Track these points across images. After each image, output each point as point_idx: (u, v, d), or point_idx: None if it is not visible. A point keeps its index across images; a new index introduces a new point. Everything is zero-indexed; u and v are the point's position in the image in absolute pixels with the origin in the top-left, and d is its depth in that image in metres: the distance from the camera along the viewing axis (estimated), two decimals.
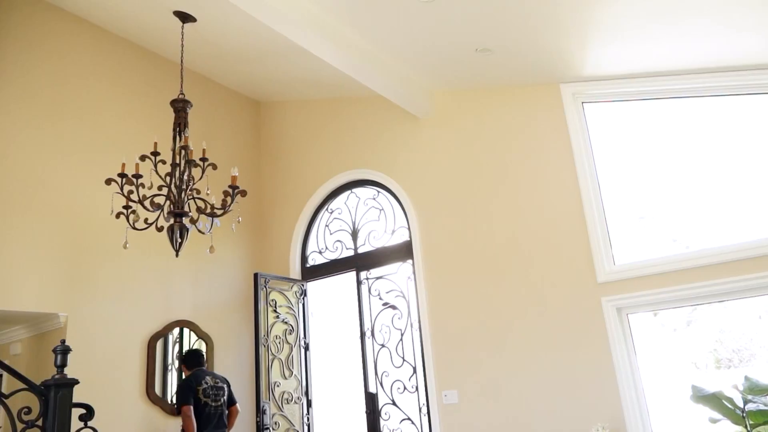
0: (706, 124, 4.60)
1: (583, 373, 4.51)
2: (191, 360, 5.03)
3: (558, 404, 4.55)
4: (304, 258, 6.30)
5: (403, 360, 5.35)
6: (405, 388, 5.29)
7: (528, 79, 5.09)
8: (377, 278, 5.71)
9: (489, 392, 4.84)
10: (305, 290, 6.13)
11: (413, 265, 5.46)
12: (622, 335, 4.44)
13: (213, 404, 4.84)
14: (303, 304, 6.09)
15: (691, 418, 4.25)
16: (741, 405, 3.57)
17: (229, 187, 4.27)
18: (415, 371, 5.26)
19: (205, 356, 5.25)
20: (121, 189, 4.11)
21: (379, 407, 5.36)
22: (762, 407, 3.55)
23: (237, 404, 5.10)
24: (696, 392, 3.67)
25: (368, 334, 5.60)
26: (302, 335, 5.97)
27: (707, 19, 3.84)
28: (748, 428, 3.54)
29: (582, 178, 4.78)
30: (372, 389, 5.45)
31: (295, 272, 6.23)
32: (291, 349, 5.83)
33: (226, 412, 4.97)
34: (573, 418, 4.45)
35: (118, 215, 4.11)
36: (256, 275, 5.76)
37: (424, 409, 5.11)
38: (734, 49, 4.12)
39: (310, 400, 5.84)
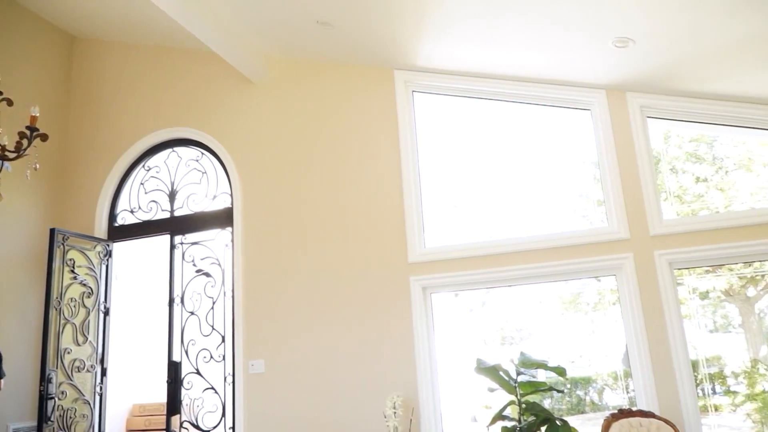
0: (518, 127, 5.09)
1: (386, 346, 4.77)
2: None
3: (361, 375, 4.77)
4: (112, 216, 5.78)
5: (213, 329, 5.20)
6: (212, 357, 5.15)
7: (365, 59, 5.19)
8: (193, 244, 5.45)
9: (295, 363, 4.91)
10: (110, 251, 5.65)
11: (232, 232, 5.31)
12: (425, 312, 4.78)
13: None
14: (107, 266, 5.60)
15: (474, 388, 4.74)
16: (514, 377, 4.05)
17: (27, 128, 3.75)
18: (223, 340, 5.15)
19: None
20: None
21: (182, 376, 5.16)
22: (531, 379, 4.07)
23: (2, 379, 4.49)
24: (479, 365, 4.08)
25: (178, 301, 5.34)
26: (102, 299, 5.50)
27: (520, 35, 4.24)
28: (518, 397, 4.03)
29: (404, 163, 5.02)
30: (176, 358, 5.22)
31: (101, 231, 5.69)
32: (88, 314, 5.34)
33: None
34: (373, 388, 4.70)
35: None
36: (52, 231, 5.17)
37: (230, 379, 5.03)
38: (536, 64, 4.61)
39: (105, 369, 5.42)
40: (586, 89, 4.75)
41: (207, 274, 5.35)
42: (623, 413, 3.92)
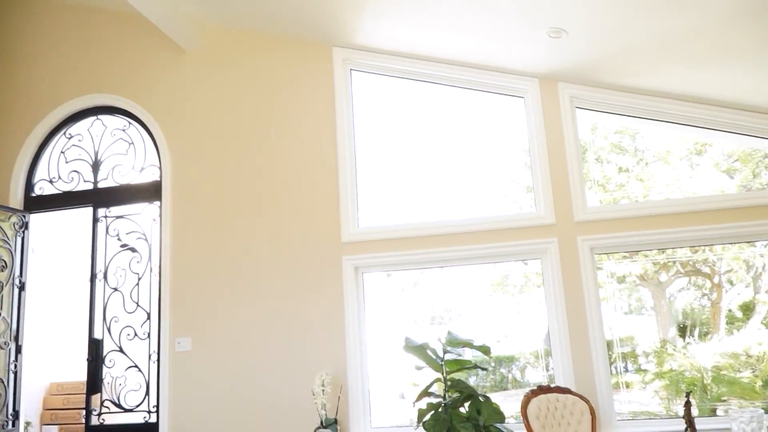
0: (454, 111, 5.15)
1: (317, 324, 4.77)
2: None
3: (290, 353, 4.76)
4: (29, 186, 5.45)
5: (138, 305, 5.03)
6: (136, 334, 4.99)
7: (304, 34, 5.08)
8: (118, 217, 5.23)
9: (224, 340, 4.84)
10: (27, 223, 5.33)
11: (161, 207, 5.13)
12: (356, 292, 4.81)
13: None
14: (22, 239, 5.29)
15: (403, 366, 4.83)
16: (441, 355, 4.16)
17: None
18: (149, 317, 4.99)
19: None
20: None
21: (104, 354, 4.98)
22: (456, 357, 4.18)
23: None
24: (407, 343, 4.16)
25: (100, 276, 5.13)
26: (18, 273, 5.20)
27: (457, 20, 4.27)
28: (444, 374, 4.14)
29: (341, 142, 4.99)
30: (98, 335, 5.02)
31: (16, 201, 5.36)
32: (1, 288, 5.05)
33: None
34: (302, 366, 4.70)
35: None
36: None
37: (155, 357, 4.90)
38: (473, 49, 4.67)
39: (20, 346, 5.14)
40: (521, 77, 4.86)
41: (132, 250, 5.16)
42: (542, 389, 4.11)
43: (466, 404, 4.05)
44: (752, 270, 4.74)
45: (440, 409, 3.97)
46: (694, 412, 4.13)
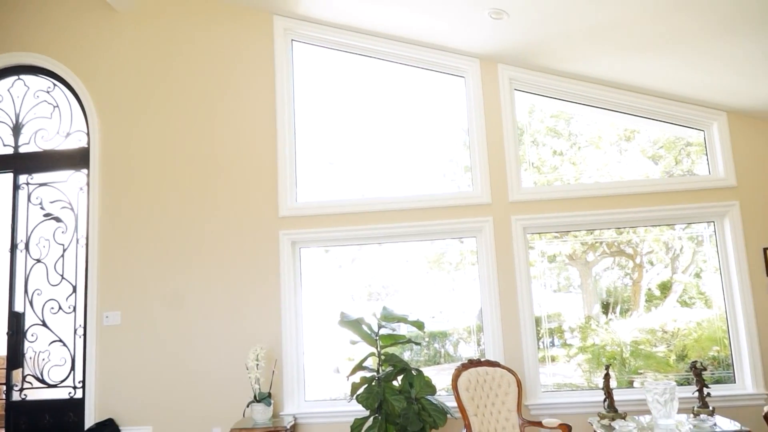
0: (397, 88, 5.14)
1: (252, 298, 4.73)
2: None
3: (225, 327, 4.70)
4: None
5: (62, 278, 4.83)
6: (60, 308, 4.79)
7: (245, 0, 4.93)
8: (41, 185, 4.96)
9: (155, 314, 4.72)
10: None
11: (88, 175, 4.90)
12: (293, 267, 4.78)
13: None
14: None
15: (338, 341, 4.86)
16: (376, 330, 4.21)
17: None
18: (75, 290, 4.80)
19: None
20: None
21: (25, 328, 4.76)
22: (390, 332, 4.25)
23: None
24: (342, 318, 4.19)
25: (21, 247, 4.87)
26: None
27: None
28: (379, 349, 4.21)
29: (280, 114, 4.89)
30: (19, 308, 4.79)
31: None
32: None
33: None
34: (237, 341, 4.66)
35: None
36: None
37: (81, 331, 4.73)
38: (416, 26, 4.66)
39: None
40: (462, 57, 4.89)
41: (57, 219, 4.92)
42: (472, 363, 4.24)
43: (399, 378, 4.13)
44: (671, 252, 5.02)
45: (373, 383, 4.04)
46: (613, 384, 4.37)
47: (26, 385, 4.75)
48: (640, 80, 4.58)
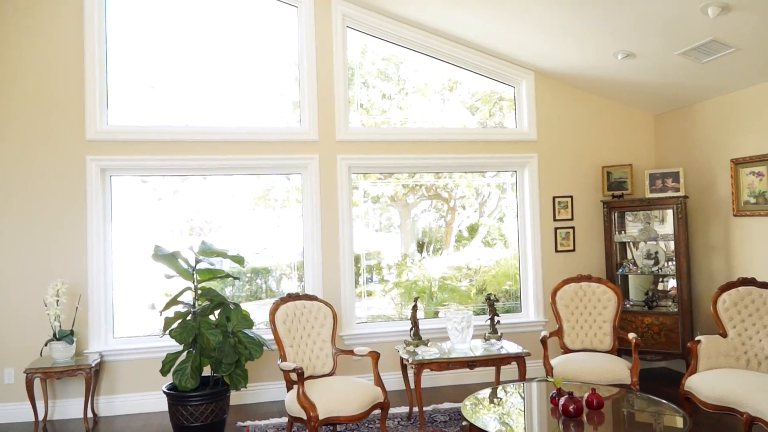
0: (228, 15, 4.83)
1: (56, 229, 4.30)
2: None
3: (24, 261, 4.24)
4: None
5: None
6: None
7: None
8: None
9: None
10: None
11: None
12: (102, 196, 4.41)
13: None
14: None
15: (154, 276, 4.64)
16: (193, 264, 4.08)
17: None
18: None
19: None
20: None
21: None
22: (208, 266, 4.14)
23: None
24: (156, 251, 3.98)
25: None
26: None
27: None
28: (195, 283, 4.09)
29: (89, 31, 4.37)
30: None
31: None
32: None
33: None
34: (37, 276, 4.24)
35: None
36: None
37: None
38: None
39: None
40: None
41: None
42: (291, 297, 4.31)
43: (216, 312, 4.08)
44: (480, 197, 5.51)
45: (188, 317, 3.94)
46: (420, 315, 4.76)
47: None
48: (462, 32, 4.82)
